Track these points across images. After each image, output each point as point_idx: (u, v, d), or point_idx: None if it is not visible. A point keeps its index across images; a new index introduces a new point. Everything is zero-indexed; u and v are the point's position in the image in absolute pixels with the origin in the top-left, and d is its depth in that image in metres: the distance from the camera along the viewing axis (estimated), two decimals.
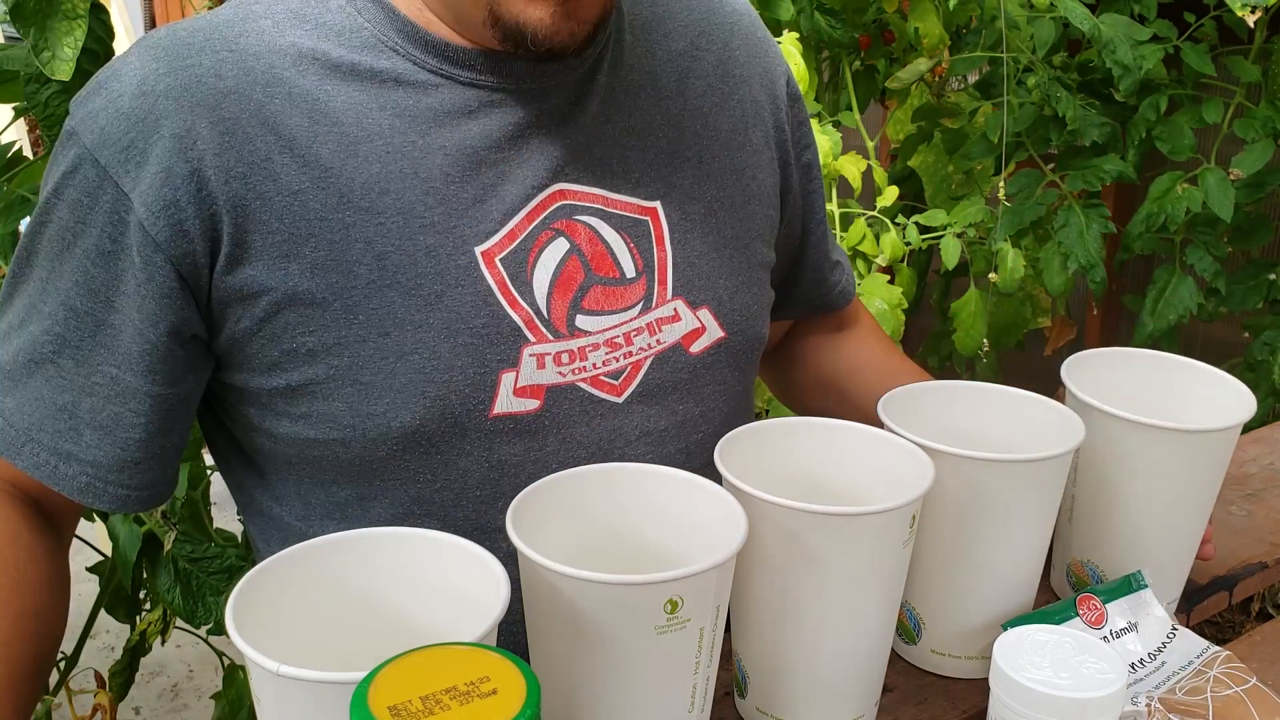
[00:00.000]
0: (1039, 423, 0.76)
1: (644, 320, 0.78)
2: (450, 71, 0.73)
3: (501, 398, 0.74)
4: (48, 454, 0.72)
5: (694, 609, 0.55)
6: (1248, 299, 1.76)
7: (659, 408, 0.79)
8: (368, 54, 0.72)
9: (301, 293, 0.70)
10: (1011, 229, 1.73)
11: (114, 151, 0.68)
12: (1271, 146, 1.66)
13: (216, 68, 0.70)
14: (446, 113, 0.73)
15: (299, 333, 0.71)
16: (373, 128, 0.71)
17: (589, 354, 0.76)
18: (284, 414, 0.74)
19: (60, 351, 0.71)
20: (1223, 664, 0.71)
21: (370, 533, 0.58)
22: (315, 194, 0.70)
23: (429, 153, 0.72)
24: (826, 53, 1.94)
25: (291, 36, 0.72)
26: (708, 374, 0.81)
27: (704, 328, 0.81)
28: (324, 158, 0.70)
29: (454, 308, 0.72)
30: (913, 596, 0.75)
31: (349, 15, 0.73)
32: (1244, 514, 0.99)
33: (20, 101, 1.21)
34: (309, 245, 0.70)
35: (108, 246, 0.69)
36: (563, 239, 0.75)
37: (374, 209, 0.71)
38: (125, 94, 0.69)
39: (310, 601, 0.56)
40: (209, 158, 0.68)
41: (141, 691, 2.31)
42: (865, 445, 0.71)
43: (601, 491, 0.64)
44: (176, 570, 1.29)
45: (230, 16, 0.73)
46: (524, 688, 0.44)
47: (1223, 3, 1.58)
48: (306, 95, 0.71)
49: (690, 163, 0.81)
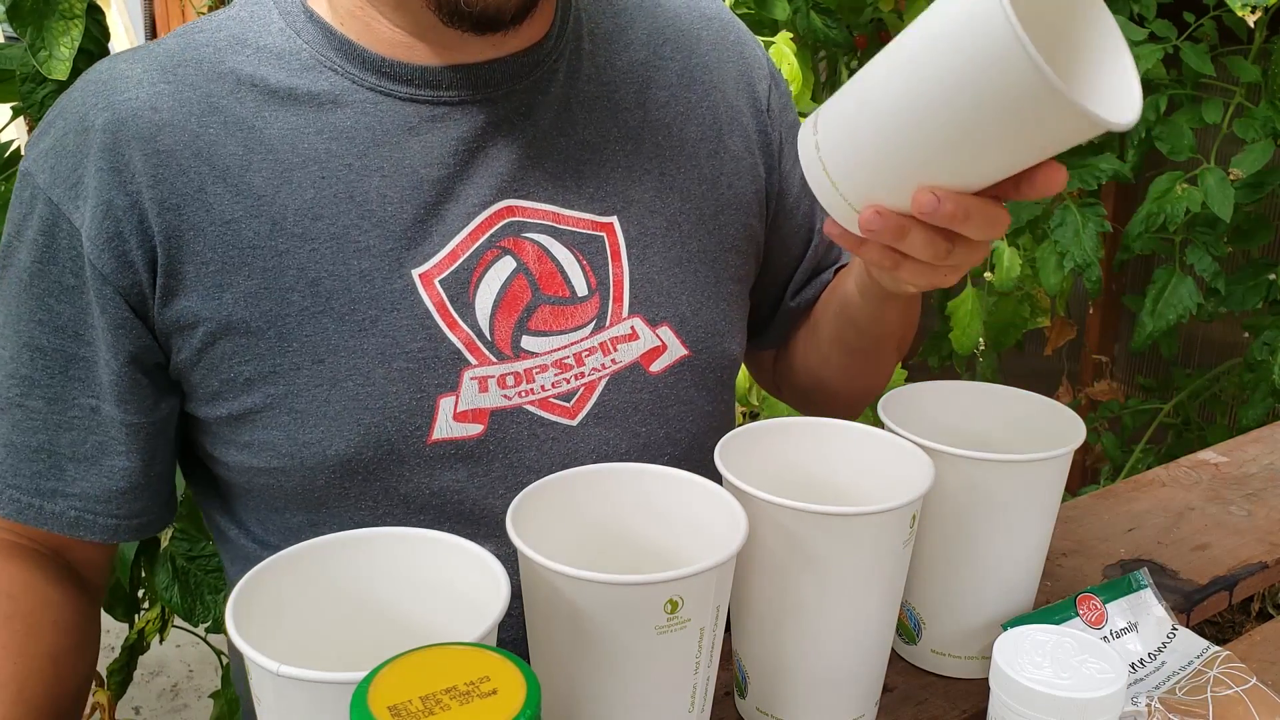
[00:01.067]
0: (1039, 423, 0.76)
1: (596, 340, 0.76)
2: (389, 88, 0.72)
3: (440, 423, 0.72)
4: (29, 496, 0.73)
5: (694, 609, 0.55)
6: (1247, 299, 1.76)
7: (617, 429, 0.77)
8: (306, 76, 0.72)
9: (236, 322, 0.70)
10: (1008, 228, 1.73)
11: (63, 189, 0.69)
12: (1271, 146, 1.66)
13: (153, 100, 0.70)
14: (385, 131, 0.72)
15: (235, 362, 0.71)
16: (308, 153, 0.71)
17: (536, 375, 0.74)
18: (230, 442, 0.74)
19: (28, 394, 0.71)
20: (1223, 664, 0.71)
21: (370, 533, 0.58)
22: (248, 222, 0.70)
23: (365, 175, 0.71)
24: (822, 52, 1.95)
25: (231, 63, 0.72)
26: (671, 394, 0.79)
27: (665, 346, 0.78)
28: (257, 186, 0.70)
29: (389, 332, 0.71)
30: (913, 596, 0.75)
31: (288, 37, 0.72)
32: (1244, 514, 0.99)
33: (17, 101, 1.21)
34: (242, 274, 0.70)
35: (70, 281, 0.70)
36: (509, 258, 0.74)
37: (307, 235, 0.70)
38: (70, 131, 0.70)
39: (310, 601, 0.56)
40: (145, 190, 0.69)
41: (141, 691, 2.31)
42: (865, 445, 0.71)
43: (601, 491, 0.64)
44: (174, 568, 1.29)
45: (172, 46, 0.73)
46: (524, 688, 0.44)
47: (1223, 3, 1.58)
48: (242, 123, 0.70)
49: (651, 175, 0.79)
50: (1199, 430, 2.05)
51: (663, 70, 0.82)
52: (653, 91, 0.81)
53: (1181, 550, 0.93)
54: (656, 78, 0.81)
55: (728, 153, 0.83)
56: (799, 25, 1.74)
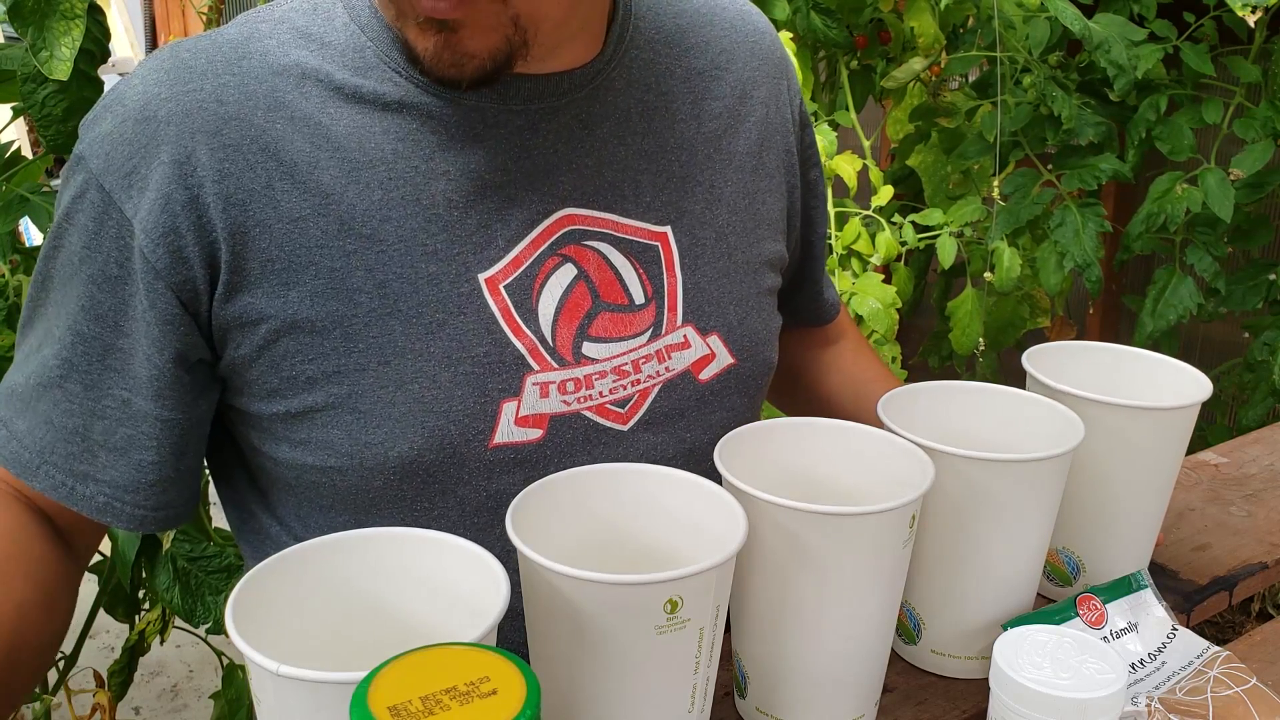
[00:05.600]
0: (1039, 423, 0.76)
1: (653, 348, 0.77)
2: (453, 94, 0.72)
3: (502, 427, 0.72)
4: (64, 475, 0.72)
5: (694, 609, 0.55)
6: (1247, 299, 1.76)
7: (665, 435, 0.78)
8: (371, 77, 0.71)
9: (301, 320, 0.70)
10: (1007, 228, 1.73)
11: (117, 177, 0.68)
12: (1271, 146, 1.66)
13: (218, 92, 0.69)
14: (450, 137, 0.72)
15: (298, 360, 0.70)
16: (375, 153, 0.70)
17: (595, 382, 0.75)
18: (283, 439, 0.73)
19: (67, 376, 0.71)
20: (1223, 664, 0.71)
21: (370, 533, 0.58)
22: (316, 221, 0.69)
23: (432, 178, 0.71)
24: (823, 52, 1.95)
25: (295, 56, 0.71)
26: (715, 401, 0.80)
27: (714, 354, 0.79)
28: (325, 184, 0.70)
29: (456, 336, 0.71)
30: (913, 596, 0.75)
31: (353, 34, 0.72)
32: (1244, 514, 0.99)
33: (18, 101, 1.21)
34: (309, 273, 0.69)
35: (114, 271, 0.69)
36: (570, 265, 0.74)
37: (375, 236, 0.70)
38: (129, 118, 0.69)
39: (310, 601, 0.56)
40: (209, 184, 0.68)
41: (141, 691, 2.31)
42: (865, 445, 0.71)
43: (601, 491, 0.64)
44: (175, 569, 1.29)
45: (235, 36, 0.72)
46: (524, 688, 0.44)
47: (1223, 3, 1.58)
48: (309, 119, 0.70)
49: (702, 186, 0.80)
50: (1199, 430, 2.04)
51: (719, 81, 0.82)
52: (707, 103, 0.81)
53: (1181, 550, 0.93)
54: (712, 88, 0.82)
55: (765, 169, 0.84)
56: (799, 25, 1.74)
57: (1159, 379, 0.83)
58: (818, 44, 1.82)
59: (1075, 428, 0.72)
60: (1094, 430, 0.73)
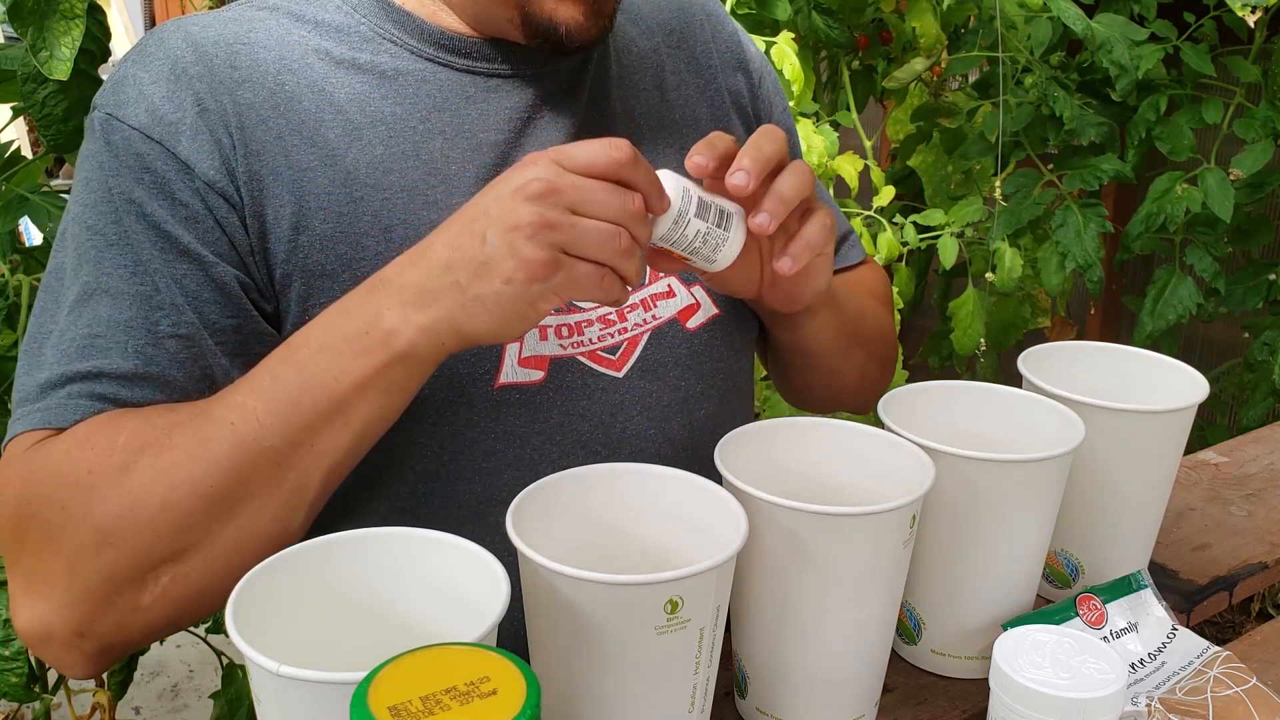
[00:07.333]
0: (1039, 423, 0.76)
1: (637, 296, 0.80)
2: (446, 59, 0.77)
3: (506, 367, 0.75)
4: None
5: (694, 609, 0.55)
6: (1247, 299, 1.76)
7: (660, 383, 0.81)
8: (367, 49, 0.76)
9: (312, 264, 0.72)
10: (1009, 228, 1.73)
11: (165, 127, 0.70)
12: (1271, 146, 1.66)
13: (230, 58, 0.73)
14: (445, 98, 0.76)
15: (310, 305, 0.72)
16: (375, 114, 0.75)
17: (585, 329, 0.78)
18: None
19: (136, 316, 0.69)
20: (1223, 664, 0.71)
21: (370, 533, 0.58)
22: (323, 171, 0.73)
23: (429, 136, 0.75)
24: (824, 52, 1.95)
25: (296, 34, 0.76)
26: (706, 350, 0.83)
27: (699, 304, 0.83)
28: (330, 140, 0.73)
29: None
30: (913, 596, 0.75)
31: (345, 13, 0.77)
32: (1244, 514, 0.99)
33: (18, 101, 1.21)
34: (318, 218, 0.72)
35: (184, 213, 0.70)
36: None
37: (379, 186, 0.74)
38: (161, 78, 0.71)
39: (310, 601, 0.56)
40: (235, 133, 0.71)
41: (141, 691, 2.31)
42: (865, 445, 0.71)
43: (601, 491, 0.64)
44: None
45: (234, 16, 0.76)
46: (524, 688, 0.44)
47: (1223, 3, 1.58)
48: (314, 83, 0.74)
49: (674, 149, 0.84)
50: (1199, 430, 2.05)
51: (671, 58, 0.88)
52: (666, 76, 0.87)
53: (1181, 550, 0.93)
54: (667, 64, 0.88)
55: (733, 132, 0.88)
56: (800, 25, 1.74)
57: (1157, 379, 0.84)
58: (819, 44, 1.83)
59: (1076, 428, 0.72)
60: (1091, 433, 0.73)
